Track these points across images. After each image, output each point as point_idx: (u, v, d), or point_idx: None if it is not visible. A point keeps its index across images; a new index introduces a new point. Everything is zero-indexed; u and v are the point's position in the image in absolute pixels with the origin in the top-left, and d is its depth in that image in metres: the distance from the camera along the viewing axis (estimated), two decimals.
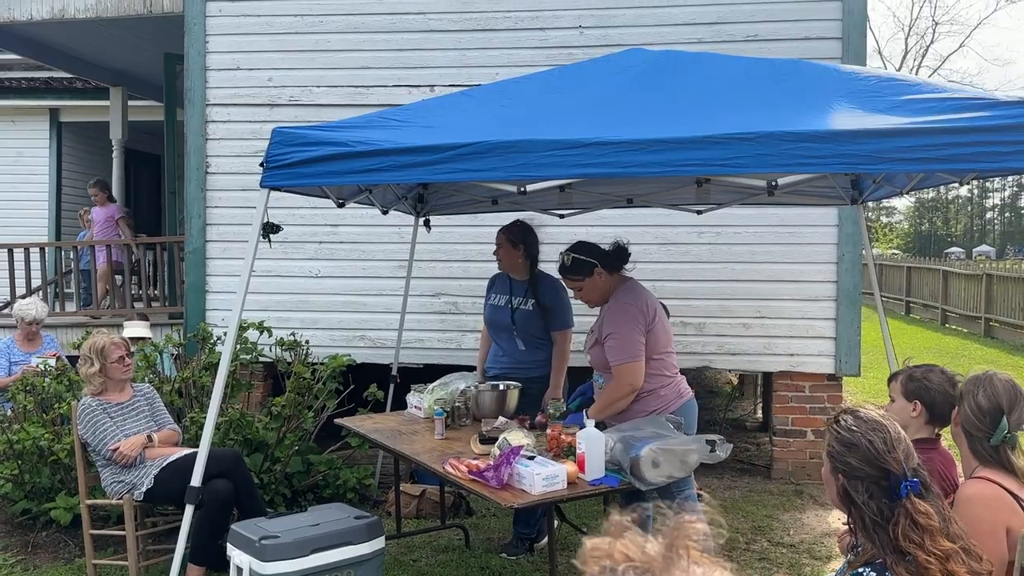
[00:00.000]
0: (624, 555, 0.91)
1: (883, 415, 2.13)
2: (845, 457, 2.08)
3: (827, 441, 2.15)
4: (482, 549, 4.95)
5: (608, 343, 3.88)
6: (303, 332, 6.31)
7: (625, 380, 3.83)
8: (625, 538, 0.93)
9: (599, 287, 4.01)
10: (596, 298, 4.06)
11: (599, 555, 0.92)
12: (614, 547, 0.93)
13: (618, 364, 3.84)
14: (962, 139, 2.99)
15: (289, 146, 3.48)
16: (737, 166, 3.12)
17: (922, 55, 42.58)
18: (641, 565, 0.90)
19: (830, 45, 6.19)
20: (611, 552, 0.92)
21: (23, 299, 6.97)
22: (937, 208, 63.90)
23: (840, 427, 2.12)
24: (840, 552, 3.30)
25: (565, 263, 4.04)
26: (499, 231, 4.89)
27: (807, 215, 6.22)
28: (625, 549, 0.92)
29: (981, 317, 16.73)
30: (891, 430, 2.07)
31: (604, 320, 3.96)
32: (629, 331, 3.83)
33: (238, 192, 6.72)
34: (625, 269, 4.08)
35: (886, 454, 2.03)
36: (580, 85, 3.91)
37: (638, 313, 3.86)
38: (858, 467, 2.05)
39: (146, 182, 13.29)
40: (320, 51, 6.77)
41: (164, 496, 4.41)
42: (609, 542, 0.93)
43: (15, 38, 8.69)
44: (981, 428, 2.52)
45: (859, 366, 6.37)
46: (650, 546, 0.92)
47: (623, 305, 3.91)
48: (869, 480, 2.04)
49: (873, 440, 2.05)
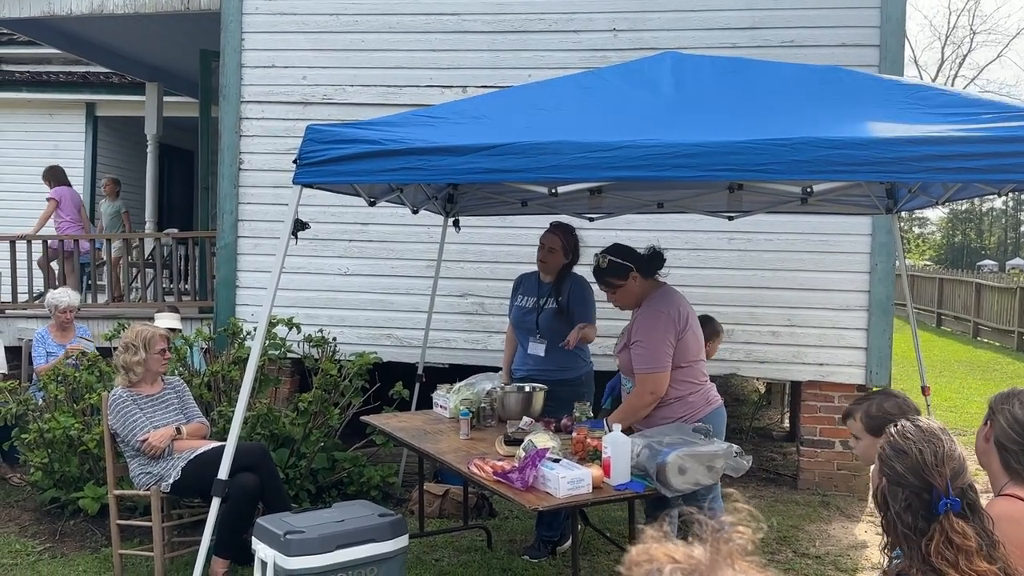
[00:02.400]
0: (670, 557, 0.92)
1: (943, 428, 2.10)
2: (892, 462, 2.05)
3: (882, 443, 2.13)
4: (504, 551, 4.95)
5: (636, 350, 3.86)
6: (331, 329, 6.34)
7: (647, 389, 3.81)
8: (668, 542, 0.93)
9: (633, 291, 3.98)
10: (630, 302, 4.03)
11: (644, 559, 0.92)
12: (659, 551, 0.93)
13: (643, 373, 3.82)
14: (1001, 148, 2.95)
15: (322, 143, 3.49)
16: (772, 172, 3.10)
17: (959, 64, 42.12)
18: (688, 567, 0.90)
19: (867, 52, 6.12)
20: (656, 555, 0.93)
21: (55, 289, 7.05)
22: (971, 220, 63.04)
23: (897, 432, 2.09)
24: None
25: (600, 265, 3.98)
26: (552, 232, 4.77)
27: (840, 223, 6.15)
28: (671, 552, 0.93)
29: (1014, 331, 16.48)
30: (946, 445, 2.03)
31: (635, 325, 3.93)
32: (658, 340, 3.80)
33: (270, 189, 6.77)
34: (659, 274, 4.05)
35: (933, 467, 1.99)
36: (613, 88, 3.89)
37: (669, 321, 3.83)
38: (902, 475, 2.02)
39: (179, 177, 13.42)
40: (354, 50, 6.80)
41: (191, 488, 4.44)
42: (654, 547, 0.94)
43: (54, 32, 8.82)
44: (1020, 441, 2.47)
45: (890, 377, 6.29)
46: (695, 551, 0.92)
47: (655, 312, 3.87)
48: (910, 490, 2.00)
49: (924, 451, 2.01)
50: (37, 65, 12.33)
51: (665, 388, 3.80)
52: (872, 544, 5.12)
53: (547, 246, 4.76)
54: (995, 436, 2.53)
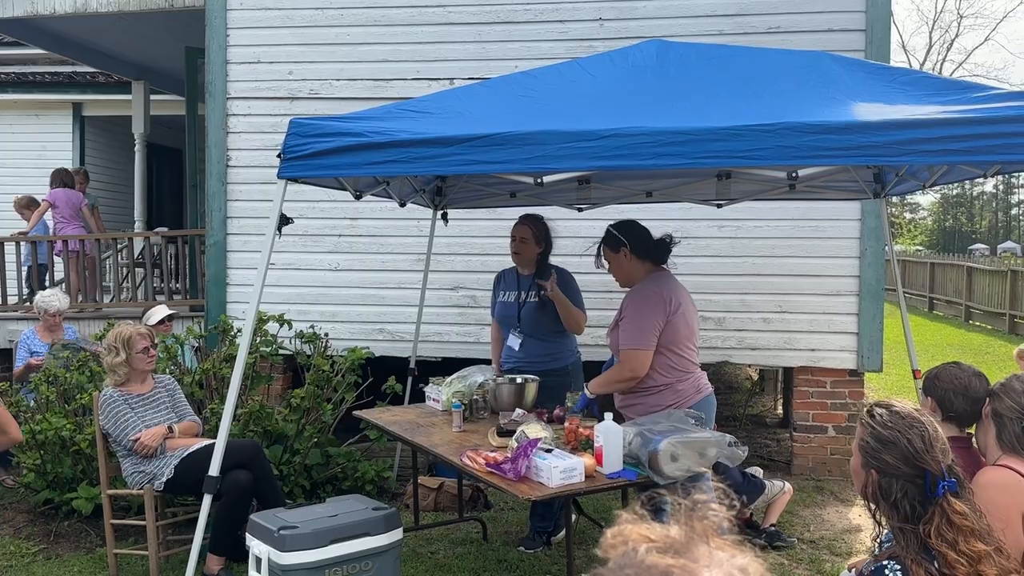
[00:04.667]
0: (645, 537, 0.91)
1: (918, 410, 2.08)
2: (880, 454, 2.02)
3: (860, 435, 2.08)
4: (500, 542, 4.95)
5: (623, 326, 3.90)
6: (322, 325, 6.33)
7: (628, 366, 3.85)
8: (643, 524, 0.93)
9: (624, 267, 4.02)
10: (620, 277, 4.10)
11: (619, 541, 0.92)
12: (633, 532, 0.92)
13: (625, 349, 3.85)
14: (985, 130, 2.96)
15: (306, 137, 3.48)
16: (757, 158, 3.10)
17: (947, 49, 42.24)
18: (663, 545, 0.89)
19: (853, 37, 6.12)
20: (631, 536, 0.92)
21: (44, 291, 7.02)
22: (962, 204, 63.17)
23: (875, 422, 2.05)
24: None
25: (606, 234, 4.09)
26: (522, 223, 4.84)
27: (829, 209, 6.15)
28: (645, 532, 0.92)
29: (1006, 313, 16.55)
30: (929, 427, 2.01)
31: (625, 303, 3.96)
32: (645, 318, 3.81)
33: (258, 185, 6.75)
34: (664, 266, 4.07)
35: (924, 453, 1.97)
36: (599, 77, 3.88)
37: (660, 301, 3.84)
38: (894, 465, 2.00)
39: (168, 176, 13.37)
40: (340, 44, 6.78)
41: (184, 486, 4.44)
42: (628, 528, 0.93)
43: (38, 32, 8.76)
44: (1019, 411, 2.51)
45: (881, 362, 6.31)
46: (671, 530, 0.92)
47: (646, 292, 3.90)
48: (904, 479, 1.98)
49: (912, 439, 1.99)
50: (23, 66, 12.25)
51: (646, 369, 3.82)
52: (866, 528, 5.14)
53: (519, 237, 4.82)
54: (995, 408, 2.58)
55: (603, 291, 6.00)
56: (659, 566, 0.86)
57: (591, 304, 4.95)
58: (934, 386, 2.90)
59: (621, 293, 4.14)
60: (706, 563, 0.87)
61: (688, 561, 0.87)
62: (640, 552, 0.89)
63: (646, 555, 0.88)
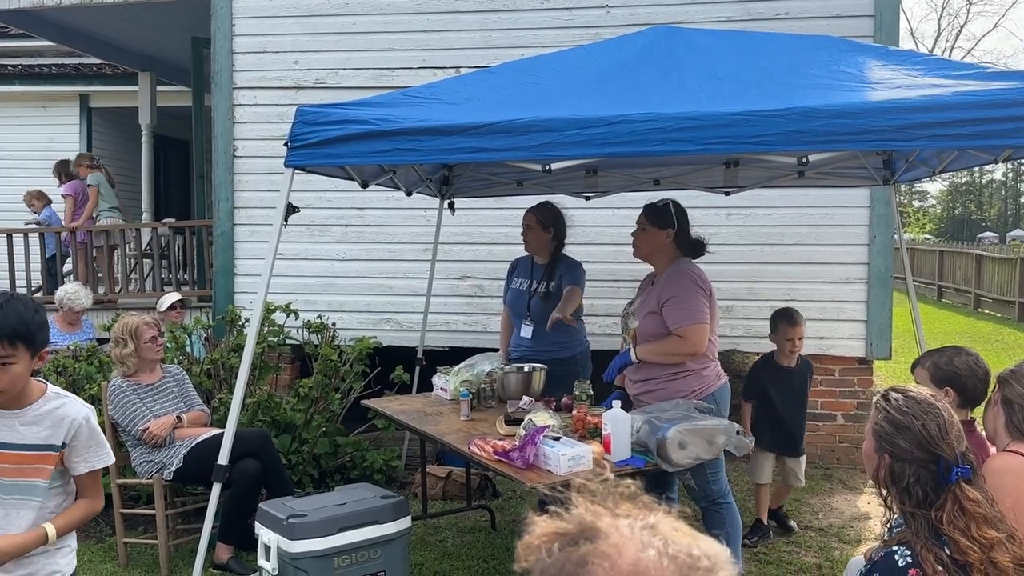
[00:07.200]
0: (552, 534, 0.90)
1: (934, 396, 2.06)
2: (895, 439, 2.00)
3: (874, 419, 2.07)
4: (508, 531, 4.96)
5: (670, 305, 3.78)
6: (330, 315, 6.33)
7: (692, 340, 3.73)
8: (538, 524, 0.92)
9: (657, 244, 3.94)
10: (644, 251, 4.01)
11: (527, 550, 0.90)
12: (538, 535, 0.91)
13: (684, 326, 3.74)
14: (996, 113, 2.93)
15: (313, 125, 3.47)
16: (767, 143, 3.08)
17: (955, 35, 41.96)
18: (566, 535, 0.88)
19: (862, 23, 6.07)
20: (537, 538, 0.91)
21: (67, 286, 7.02)
22: (971, 192, 62.88)
23: (891, 406, 2.04)
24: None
25: (655, 203, 3.98)
26: (528, 211, 4.84)
27: (838, 196, 6.11)
28: (545, 530, 0.91)
29: (1015, 302, 16.47)
30: (944, 413, 2.00)
31: (663, 286, 3.86)
32: (695, 296, 3.77)
33: (265, 175, 6.75)
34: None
35: (939, 439, 1.96)
36: (606, 63, 3.85)
37: (703, 284, 3.83)
38: (908, 450, 1.98)
39: (175, 167, 13.37)
40: (346, 33, 6.75)
41: (193, 476, 4.45)
42: (535, 531, 0.91)
43: (45, 23, 8.75)
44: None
45: (890, 349, 6.28)
46: (575, 512, 0.90)
47: (689, 274, 3.85)
48: (918, 464, 1.97)
49: (927, 424, 1.97)
50: (29, 58, 12.27)
51: (706, 344, 3.76)
52: (875, 516, 5.12)
53: (524, 225, 4.84)
54: (1006, 395, 2.57)
55: (610, 280, 6.00)
56: (572, 559, 0.86)
57: (597, 293, 4.93)
58: (955, 374, 2.88)
59: (627, 283, 4.12)
60: (616, 537, 0.86)
61: (599, 542, 0.86)
62: (553, 551, 0.88)
63: (558, 552, 0.87)
